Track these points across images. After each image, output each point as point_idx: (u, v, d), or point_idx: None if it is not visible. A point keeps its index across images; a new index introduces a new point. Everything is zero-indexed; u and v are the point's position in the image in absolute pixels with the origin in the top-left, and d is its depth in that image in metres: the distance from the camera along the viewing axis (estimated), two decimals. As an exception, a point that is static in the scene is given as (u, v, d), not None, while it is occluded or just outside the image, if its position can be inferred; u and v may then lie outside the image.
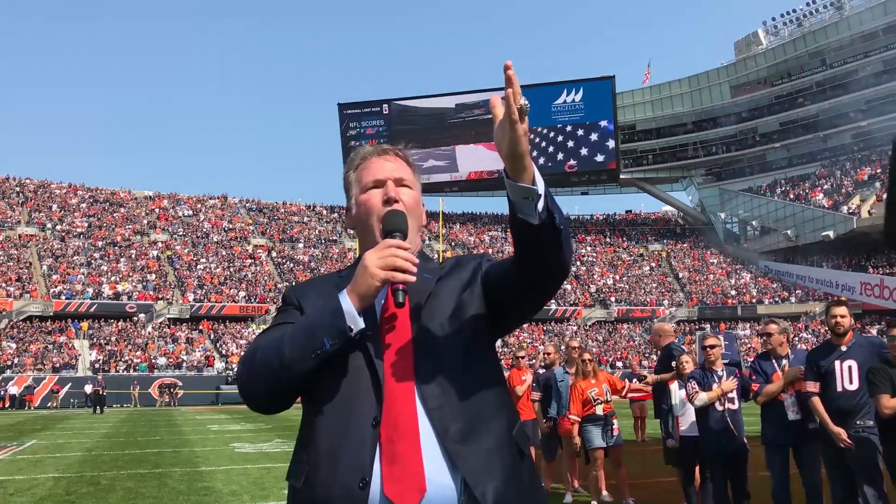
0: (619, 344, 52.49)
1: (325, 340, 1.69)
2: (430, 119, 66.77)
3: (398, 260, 1.70)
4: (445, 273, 1.90)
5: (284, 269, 55.91)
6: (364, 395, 1.71)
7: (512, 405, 1.86)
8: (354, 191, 1.97)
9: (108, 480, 11.01)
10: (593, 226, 73.27)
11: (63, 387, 39.43)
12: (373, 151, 1.99)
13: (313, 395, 1.78)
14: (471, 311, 1.81)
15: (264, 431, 20.16)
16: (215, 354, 45.19)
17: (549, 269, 1.69)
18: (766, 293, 58.13)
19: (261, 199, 67.99)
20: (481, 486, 1.62)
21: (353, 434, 1.68)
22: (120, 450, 15.62)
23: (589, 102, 64.50)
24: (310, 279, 2.09)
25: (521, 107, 1.50)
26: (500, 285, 1.80)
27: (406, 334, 1.77)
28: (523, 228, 1.60)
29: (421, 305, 1.81)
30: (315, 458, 1.70)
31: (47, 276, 48.20)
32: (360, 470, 1.64)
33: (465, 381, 1.74)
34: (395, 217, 1.84)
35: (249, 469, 12.07)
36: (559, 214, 1.61)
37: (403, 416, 1.67)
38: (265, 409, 1.83)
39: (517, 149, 1.52)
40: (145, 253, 54.26)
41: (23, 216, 54.96)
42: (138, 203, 61.96)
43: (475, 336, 1.80)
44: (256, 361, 1.76)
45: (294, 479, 1.75)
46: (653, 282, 62.04)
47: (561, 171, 66.24)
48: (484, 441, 1.68)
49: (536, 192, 1.55)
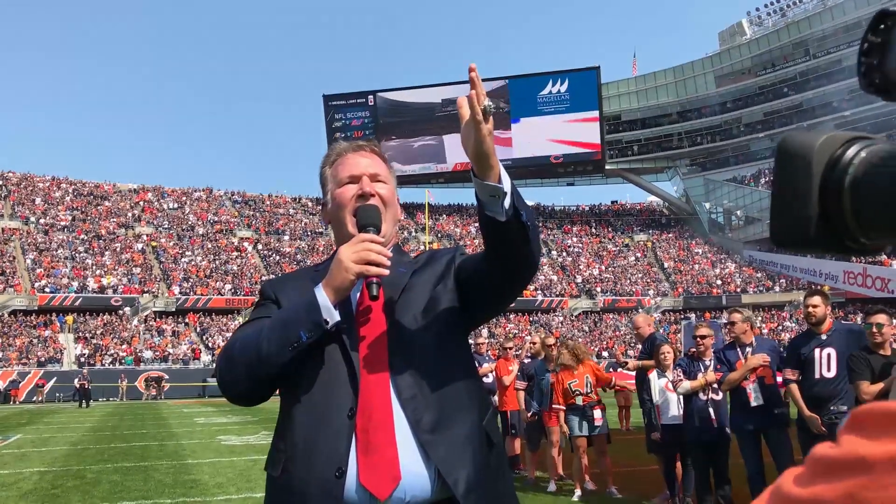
0: (604, 334, 52.73)
1: (302, 333, 1.73)
2: (416, 111, 66.69)
3: (371, 254, 1.74)
4: (419, 266, 1.95)
5: (270, 261, 55.78)
6: (340, 387, 1.76)
7: (483, 395, 1.91)
8: (330, 186, 2.01)
9: (94, 474, 11.00)
10: (579, 216, 73.45)
11: (48, 381, 39.24)
12: (348, 147, 2.03)
13: (291, 386, 1.82)
14: (444, 304, 1.86)
15: (251, 424, 20.16)
16: (201, 347, 45.09)
17: (517, 264, 1.75)
18: (750, 282, 58.51)
19: (246, 191, 67.84)
20: (453, 475, 1.68)
21: (329, 424, 1.72)
22: (106, 443, 15.59)
23: (574, 93, 64.49)
24: (286, 273, 2.16)
25: (485, 107, 1.54)
26: (471, 279, 1.86)
27: (380, 327, 1.82)
28: (491, 225, 1.65)
29: (395, 299, 1.86)
30: (292, 447, 1.75)
31: (31, 270, 47.90)
32: (337, 459, 1.68)
33: (436, 373, 1.78)
34: (369, 212, 1.88)
35: (236, 461, 12.10)
36: (526, 211, 1.66)
37: (378, 407, 1.72)
38: (244, 402, 1.87)
39: (482, 148, 1.57)
40: (130, 246, 53.99)
41: (5, 210, 54.55)
42: (123, 196, 61.61)
43: (447, 328, 1.85)
44: (235, 355, 1.81)
45: (272, 469, 1.80)
46: (638, 272, 62.31)
47: (547, 162, 66.33)
48: (455, 431, 1.73)
49: (502, 190, 1.60)
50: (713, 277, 60.28)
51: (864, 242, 0.64)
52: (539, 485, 9.21)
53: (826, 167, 0.66)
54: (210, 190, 66.46)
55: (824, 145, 0.67)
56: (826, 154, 0.67)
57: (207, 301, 49.32)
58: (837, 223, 0.65)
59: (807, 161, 0.68)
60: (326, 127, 68.49)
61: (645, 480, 9.00)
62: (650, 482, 8.67)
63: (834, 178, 0.65)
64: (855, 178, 0.64)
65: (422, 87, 67.32)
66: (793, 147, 0.70)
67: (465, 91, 1.57)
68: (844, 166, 0.65)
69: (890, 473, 0.42)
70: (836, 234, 0.66)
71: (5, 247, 49.97)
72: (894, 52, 0.57)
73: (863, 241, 0.63)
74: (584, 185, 77.27)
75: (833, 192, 0.65)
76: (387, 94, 68.34)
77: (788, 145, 0.71)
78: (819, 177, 0.66)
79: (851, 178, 0.64)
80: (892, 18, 0.61)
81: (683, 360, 7.23)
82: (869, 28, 0.64)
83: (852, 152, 0.66)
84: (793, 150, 0.70)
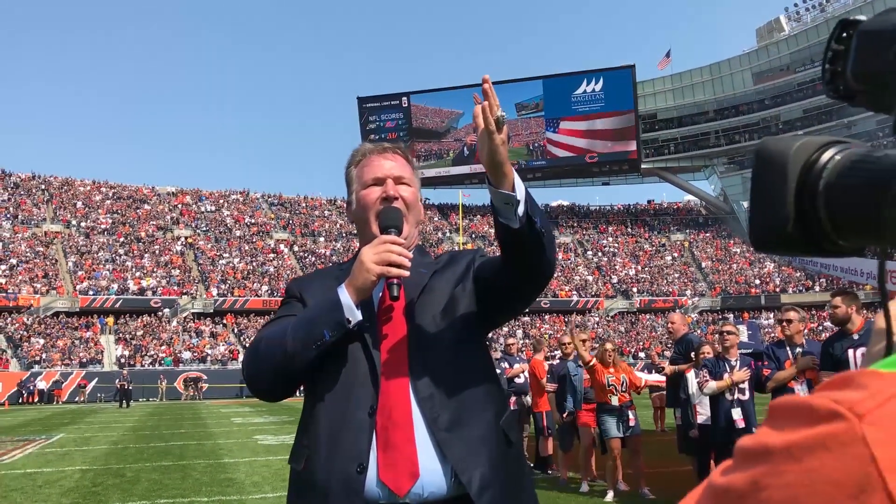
0: (641, 335, 52.33)
1: (325, 332, 1.78)
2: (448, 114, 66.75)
3: (393, 255, 1.79)
4: (440, 268, 1.99)
5: (306, 262, 56.21)
6: (362, 385, 1.80)
7: (501, 395, 1.95)
8: (355, 186, 2.04)
9: (134, 472, 11.21)
10: (615, 216, 72.95)
11: (90, 381, 39.96)
12: (373, 149, 2.06)
13: (314, 383, 1.87)
14: (462, 305, 1.90)
15: (287, 424, 20.35)
16: (239, 348, 45.58)
17: (531, 269, 1.78)
18: (789, 282, 57.70)
19: (282, 193, 68.44)
20: (468, 473, 1.72)
21: (351, 421, 1.77)
22: (145, 443, 15.86)
23: (609, 92, 64.10)
24: (312, 272, 2.20)
25: (498, 118, 1.58)
26: (489, 282, 1.89)
27: (401, 326, 1.87)
28: (505, 231, 1.69)
29: (415, 299, 1.90)
30: (315, 443, 1.80)
31: (73, 273, 48.81)
32: (358, 455, 1.73)
33: (454, 373, 1.82)
34: (392, 214, 1.92)
35: (272, 461, 12.23)
36: (540, 218, 1.69)
37: (398, 406, 1.77)
38: (269, 397, 1.93)
39: (496, 157, 1.61)
40: (169, 248, 54.80)
41: (48, 213, 55.64)
42: (161, 199, 62.51)
43: (466, 329, 1.88)
44: (261, 352, 1.87)
45: (295, 462, 1.85)
46: (675, 272, 61.73)
47: (582, 162, 66.02)
48: (471, 430, 1.77)
49: (516, 198, 1.64)
50: (751, 277, 59.53)
51: (840, 244, 0.65)
52: (571, 486, 9.20)
53: (802, 171, 0.68)
54: (247, 192, 67.16)
55: (800, 150, 0.69)
56: (801, 158, 0.68)
57: (245, 302, 49.84)
58: (813, 225, 0.67)
59: (783, 165, 0.69)
60: (361, 129, 68.86)
61: (677, 481, 8.93)
62: (683, 483, 8.60)
63: (809, 181, 0.67)
64: (829, 181, 0.66)
65: (454, 88, 67.34)
66: (769, 152, 0.71)
67: (498, 91, 1.60)
68: (819, 170, 0.67)
69: (786, 461, 0.46)
70: (812, 235, 0.67)
71: (48, 250, 50.99)
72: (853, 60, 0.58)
73: (840, 242, 0.65)
74: (620, 185, 76.69)
75: (808, 195, 0.67)
76: (420, 96, 68.53)
77: (765, 150, 0.72)
78: (795, 180, 0.68)
79: (825, 182, 0.66)
80: (854, 27, 0.62)
81: (709, 360, 7.15)
82: (832, 37, 0.65)
83: (827, 156, 0.67)
84: (769, 155, 0.71)
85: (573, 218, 71.20)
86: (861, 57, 0.68)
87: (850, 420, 0.44)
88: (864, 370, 0.47)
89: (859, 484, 0.43)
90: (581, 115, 64.95)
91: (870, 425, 0.44)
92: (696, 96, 69.17)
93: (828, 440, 0.45)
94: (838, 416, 0.45)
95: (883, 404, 0.44)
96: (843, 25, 0.65)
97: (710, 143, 69.45)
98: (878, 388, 0.45)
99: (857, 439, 0.44)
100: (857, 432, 0.44)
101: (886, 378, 0.46)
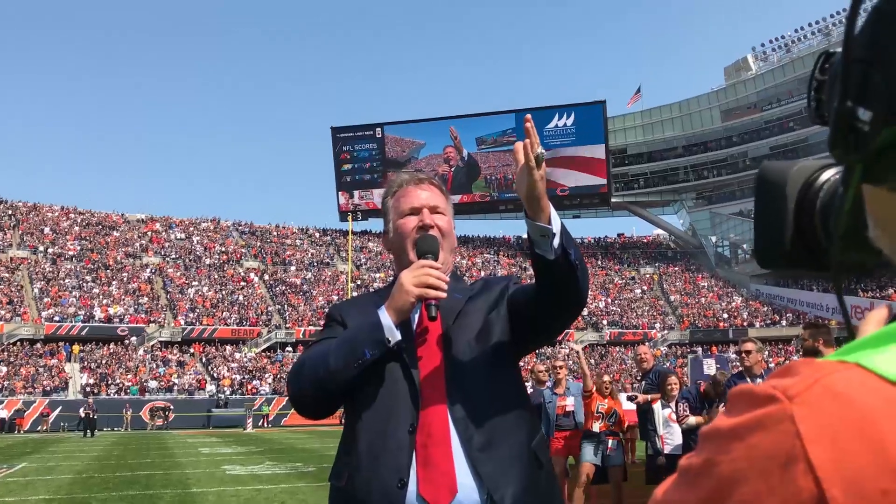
0: (611, 367, 52.47)
1: (366, 351, 1.87)
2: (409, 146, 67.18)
3: (430, 278, 1.88)
4: (475, 294, 2.08)
5: (277, 291, 55.89)
6: (402, 404, 1.88)
7: (533, 418, 2.04)
8: (392, 216, 2.14)
9: (99, 502, 11.03)
10: (585, 249, 73.38)
11: (53, 410, 39.21)
12: (409, 180, 2.16)
13: (355, 402, 1.95)
14: (496, 330, 1.99)
15: (255, 454, 20.14)
16: (207, 377, 45.06)
17: (565, 300, 1.89)
18: (757, 316, 58.33)
19: (253, 222, 68.11)
20: (500, 491, 1.79)
21: (392, 438, 1.85)
22: (111, 472, 15.61)
23: (580, 126, 64.91)
24: (351, 298, 2.36)
25: (538, 155, 1.71)
26: (522, 309, 1.98)
27: (438, 350, 1.96)
28: (541, 262, 1.79)
29: (451, 323, 1.99)
30: (357, 459, 1.87)
31: (38, 299, 48.08)
32: (399, 471, 1.81)
33: (487, 396, 1.91)
34: (429, 241, 2.02)
35: (241, 490, 12.10)
36: (574, 250, 1.80)
37: (436, 424, 1.85)
38: (313, 415, 2.02)
39: (534, 192, 1.73)
40: (137, 276, 54.18)
41: (14, 239, 54.87)
42: (131, 226, 61.94)
43: (499, 353, 1.97)
44: (305, 371, 1.96)
45: (336, 479, 1.93)
46: (644, 305, 62.19)
47: (553, 195, 66.18)
48: (503, 450, 1.85)
49: (551, 231, 1.75)
50: (720, 311, 60.12)
51: (839, 261, 0.68)
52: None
53: (800, 191, 0.73)
54: (217, 220, 66.79)
55: (798, 171, 0.74)
56: (800, 180, 0.73)
57: (213, 331, 49.36)
58: (813, 243, 0.72)
59: (782, 186, 0.74)
60: (334, 159, 68.97)
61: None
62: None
63: (808, 200, 0.72)
64: (824, 200, 0.71)
65: (428, 119, 67.86)
66: (769, 174, 0.76)
67: (466, 124, 1.71)
68: (816, 190, 0.72)
69: (732, 440, 0.52)
70: (812, 251, 0.72)
71: (13, 276, 50.20)
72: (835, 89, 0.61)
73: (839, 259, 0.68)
74: (591, 218, 77.43)
75: (807, 213, 0.72)
76: (394, 127, 68.88)
77: (765, 173, 0.77)
78: (794, 201, 0.73)
79: (822, 201, 0.71)
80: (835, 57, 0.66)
81: (690, 394, 7.24)
82: (815, 68, 0.69)
83: (824, 177, 0.72)
84: (769, 178, 0.76)
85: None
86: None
87: (782, 402, 0.50)
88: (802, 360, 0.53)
89: (788, 455, 0.48)
90: (552, 149, 65.59)
91: (798, 405, 0.49)
92: (666, 132, 70.21)
93: (764, 419, 0.50)
94: (774, 399, 0.50)
95: (811, 387, 0.49)
96: (825, 57, 0.68)
97: (679, 178, 70.42)
98: (809, 373, 0.51)
99: (786, 417, 0.49)
100: (788, 411, 0.49)
101: (817, 365, 0.51)
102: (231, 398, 42.73)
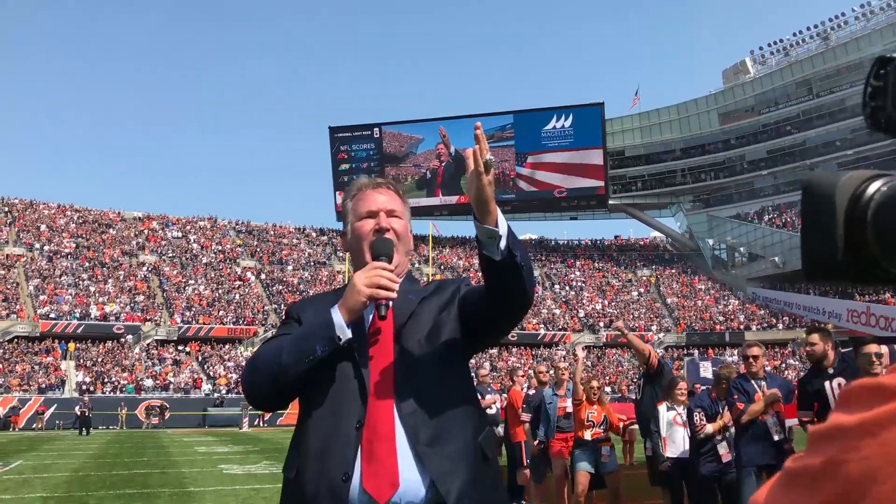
0: (607, 369, 52.52)
1: (317, 347, 1.95)
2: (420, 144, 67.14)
3: (382, 279, 1.97)
4: (427, 295, 2.15)
5: (273, 291, 55.80)
6: (351, 400, 1.95)
7: (480, 414, 2.11)
8: (350, 218, 2.24)
9: (97, 500, 10.99)
10: (582, 251, 73.49)
11: (49, 408, 39.09)
12: (368, 184, 2.27)
13: (308, 398, 2.03)
14: (446, 330, 2.07)
15: (252, 453, 20.09)
16: (203, 376, 44.96)
17: (511, 300, 1.96)
18: (753, 319, 58.38)
19: (250, 221, 68.01)
20: (446, 485, 1.86)
21: (340, 434, 1.92)
22: (107, 470, 15.55)
23: (578, 128, 64.85)
24: (310, 297, 2.41)
25: (487, 161, 1.77)
26: (472, 309, 2.06)
27: (389, 347, 2.03)
28: (488, 263, 1.86)
29: (403, 323, 2.06)
30: (306, 452, 1.95)
31: (34, 297, 47.93)
32: (344, 465, 1.88)
33: (435, 393, 1.98)
34: (383, 243, 2.11)
35: (238, 490, 12.07)
36: (520, 252, 1.87)
37: (383, 421, 1.92)
38: (265, 406, 2.14)
39: (483, 195, 1.79)
40: (134, 274, 54.04)
41: (10, 236, 54.71)
42: (127, 224, 61.80)
43: (448, 352, 2.04)
44: (258, 364, 2.05)
45: (288, 472, 2.01)
46: (641, 307, 62.21)
47: (550, 196, 66.57)
48: (450, 445, 1.92)
49: (498, 233, 1.81)
50: (716, 314, 60.18)
51: (890, 270, 0.67)
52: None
53: (849, 203, 0.70)
54: (214, 219, 66.66)
55: (846, 183, 0.72)
56: (848, 191, 0.71)
57: (209, 330, 49.24)
58: (864, 254, 0.70)
59: (830, 197, 0.71)
60: (332, 158, 68.91)
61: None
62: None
63: (857, 211, 0.70)
64: (877, 210, 0.69)
65: (425, 120, 67.81)
66: (817, 186, 0.74)
67: (463, 124, 1.74)
68: (867, 201, 0.70)
69: (861, 436, 0.48)
70: (862, 263, 0.70)
71: (9, 273, 50.06)
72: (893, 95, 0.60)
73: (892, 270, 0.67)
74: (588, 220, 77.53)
75: (857, 224, 0.69)
76: (392, 127, 68.85)
77: (813, 184, 0.74)
78: (843, 211, 0.70)
79: (874, 212, 0.69)
80: (891, 63, 0.64)
81: (705, 401, 7.22)
82: (870, 74, 0.68)
83: (874, 187, 0.70)
84: (817, 189, 0.73)
85: (541, 251, 71.56)
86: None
87: None
88: None
89: None
90: (550, 150, 65.60)
91: None
92: (664, 135, 70.23)
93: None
94: None
95: None
96: (880, 63, 0.67)
97: (677, 180, 70.43)
98: None
99: None
100: None
101: None
102: (227, 397, 42.63)
